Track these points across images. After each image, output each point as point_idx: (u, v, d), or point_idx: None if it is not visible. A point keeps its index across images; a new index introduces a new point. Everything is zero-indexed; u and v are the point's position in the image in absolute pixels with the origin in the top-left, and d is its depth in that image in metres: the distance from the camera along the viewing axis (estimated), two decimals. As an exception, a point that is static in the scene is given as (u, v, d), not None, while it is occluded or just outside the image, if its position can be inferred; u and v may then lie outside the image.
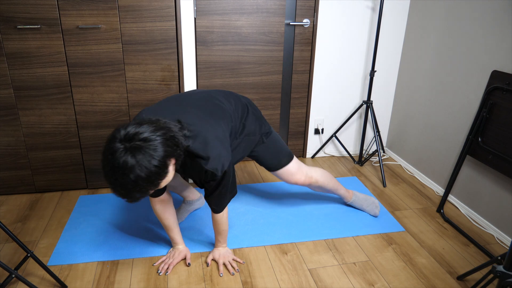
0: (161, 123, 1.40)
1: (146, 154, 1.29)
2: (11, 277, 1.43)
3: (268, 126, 1.94)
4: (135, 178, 1.28)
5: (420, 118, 2.68)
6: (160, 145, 1.32)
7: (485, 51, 2.09)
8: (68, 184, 2.45)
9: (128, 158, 1.27)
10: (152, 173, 1.30)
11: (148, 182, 1.31)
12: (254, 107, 1.92)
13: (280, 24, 2.56)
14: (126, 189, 1.30)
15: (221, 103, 1.74)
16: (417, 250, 1.97)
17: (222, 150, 1.55)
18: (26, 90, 2.19)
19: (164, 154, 1.32)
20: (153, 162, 1.30)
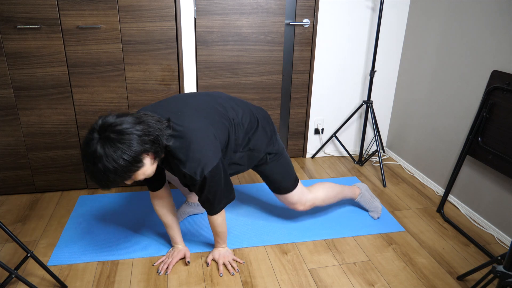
0: (143, 118, 1.44)
1: (115, 147, 1.34)
2: (11, 277, 1.43)
3: (278, 147, 1.87)
4: (103, 168, 1.33)
5: (420, 118, 2.68)
6: (134, 140, 1.37)
7: (485, 51, 2.09)
8: (68, 184, 2.45)
9: (98, 148, 1.34)
10: (121, 166, 1.35)
11: (116, 174, 1.36)
12: (267, 123, 1.84)
13: (280, 24, 2.56)
14: (95, 178, 1.37)
15: (224, 110, 1.70)
16: (417, 250, 1.97)
17: (204, 155, 1.52)
18: (26, 90, 2.19)
19: (136, 149, 1.37)
20: (123, 156, 1.34)
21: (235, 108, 1.76)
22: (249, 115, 1.78)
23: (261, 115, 1.85)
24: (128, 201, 2.34)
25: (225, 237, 1.83)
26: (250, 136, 1.77)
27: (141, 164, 1.42)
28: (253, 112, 1.81)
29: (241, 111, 1.76)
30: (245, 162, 1.81)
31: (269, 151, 1.83)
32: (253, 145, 1.78)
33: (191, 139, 1.52)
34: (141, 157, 1.41)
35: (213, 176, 1.56)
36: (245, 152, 1.78)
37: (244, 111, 1.78)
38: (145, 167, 1.45)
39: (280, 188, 1.92)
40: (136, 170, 1.42)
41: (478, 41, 2.14)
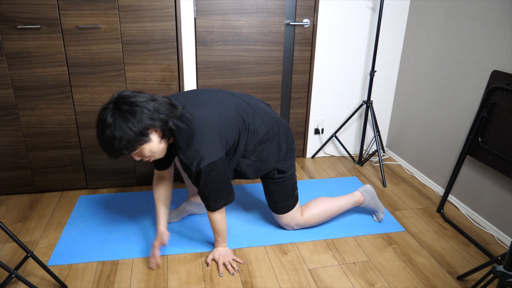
0: (157, 97, 1.55)
1: (125, 118, 1.45)
2: (11, 277, 1.43)
3: (288, 167, 1.86)
4: (111, 135, 1.44)
5: (420, 118, 2.68)
6: (144, 114, 1.47)
7: (485, 51, 2.09)
8: (68, 184, 2.45)
9: (108, 116, 1.45)
10: (127, 136, 1.45)
11: (121, 143, 1.46)
12: (285, 140, 1.84)
13: (280, 24, 2.56)
14: (103, 145, 1.49)
15: (243, 113, 1.72)
16: (417, 250, 1.97)
17: (204, 148, 1.56)
18: (26, 90, 2.19)
19: (145, 122, 1.47)
20: (131, 126, 1.45)
21: (255, 115, 1.76)
22: (269, 127, 1.79)
23: (283, 131, 1.85)
24: (128, 201, 2.34)
25: (224, 236, 1.83)
26: (264, 147, 1.79)
27: (147, 139, 1.51)
28: (275, 125, 1.82)
29: (261, 119, 1.77)
30: (252, 171, 1.83)
31: (278, 167, 1.85)
32: (264, 157, 1.80)
33: (196, 130, 1.56)
34: (148, 131, 1.50)
35: (209, 171, 1.58)
36: (254, 162, 1.80)
37: (265, 121, 1.78)
38: (151, 143, 1.53)
39: (275, 208, 1.97)
40: (142, 143, 1.50)
41: (478, 41, 2.14)
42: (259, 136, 1.76)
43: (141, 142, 1.50)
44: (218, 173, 1.61)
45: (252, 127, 1.74)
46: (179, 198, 2.39)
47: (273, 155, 1.82)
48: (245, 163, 1.80)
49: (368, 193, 2.11)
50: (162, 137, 1.56)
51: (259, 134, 1.76)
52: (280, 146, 1.83)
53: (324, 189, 2.52)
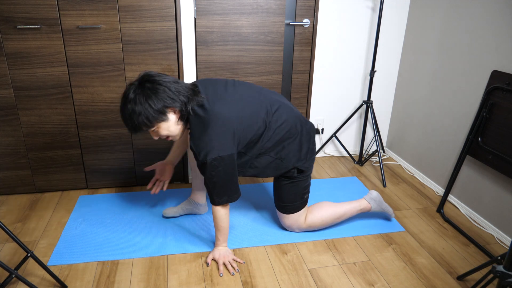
0: (180, 81, 1.64)
1: (146, 95, 1.54)
2: (11, 277, 1.43)
3: (308, 167, 1.87)
4: (131, 110, 1.54)
5: (420, 118, 2.68)
6: (165, 93, 1.56)
7: (485, 51, 2.09)
8: (68, 184, 2.45)
9: (131, 92, 1.55)
10: (146, 112, 1.54)
11: (140, 118, 1.55)
12: (308, 139, 1.86)
13: (280, 24, 2.56)
14: (124, 118, 1.59)
15: (264, 111, 1.73)
16: (417, 250, 1.97)
17: (214, 141, 1.59)
18: (26, 90, 2.19)
19: (165, 101, 1.56)
20: (151, 103, 1.54)
21: (279, 112, 1.77)
22: (291, 125, 1.80)
23: (306, 131, 1.86)
24: (128, 201, 2.34)
25: (226, 235, 1.83)
26: (285, 145, 1.80)
27: (165, 117, 1.59)
28: (298, 125, 1.83)
29: (284, 117, 1.78)
30: (271, 168, 1.83)
31: (298, 166, 1.85)
32: (284, 155, 1.80)
33: (210, 122, 1.61)
34: (167, 110, 1.58)
35: (215, 166, 1.60)
36: (274, 159, 1.81)
37: (288, 119, 1.79)
38: (169, 122, 1.61)
39: (281, 207, 1.97)
40: (160, 121, 1.58)
41: (478, 41, 2.14)
42: (281, 134, 1.77)
43: (159, 120, 1.58)
44: (224, 169, 1.63)
45: (274, 126, 1.75)
46: (180, 198, 2.40)
47: (294, 154, 1.82)
48: (265, 159, 1.80)
49: (374, 201, 2.10)
50: (180, 119, 1.64)
51: (280, 132, 1.77)
52: (301, 145, 1.84)
53: (324, 189, 2.52)
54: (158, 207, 2.28)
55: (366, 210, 2.09)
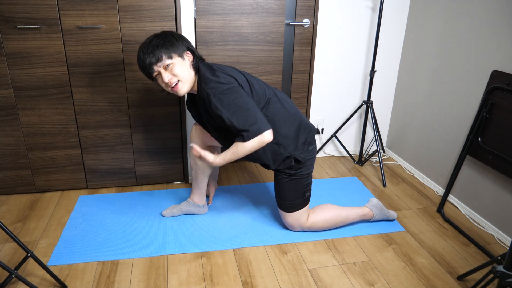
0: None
1: (171, 35, 1.73)
2: (11, 277, 1.43)
3: (306, 159, 1.88)
4: (156, 41, 1.68)
5: (420, 118, 2.68)
6: (185, 40, 1.77)
7: (485, 51, 2.09)
8: (68, 184, 2.45)
9: (154, 37, 1.71)
10: (170, 42, 1.70)
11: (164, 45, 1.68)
12: (307, 131, 1.89)
13: (280, 24, 2.56)
14: (144, 47, 1.70)
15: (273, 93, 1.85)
16: (417, 250, 1.97)
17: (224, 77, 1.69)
18: (26, 90, 2.19)
19: (185, 44, 1.75)
20: (173, 39, 1.71)
21: (280, 99, 1.87)
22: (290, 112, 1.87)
23: (306, 125, 1.92)
24: (128, 201, 2.34)
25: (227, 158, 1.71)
26: (282, 128, 1.83)
27: (183, 56, 1.73)
28: (298, 115, 1.90)
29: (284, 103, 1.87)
30: (269, 153, 1.85)
31: (295, 155, 1.85)
32: (282, 139, 1.83)
33: (217, 69, 1.75)
34: (186, 51, 1.75)
35: (228, 93, 1.65)
36: (272, 143, 1.83)
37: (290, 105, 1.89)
38: (184, 62, 1.74)
39: (282, 204, 1.98)
40: (178, 55, 1.71)
41: (478, 41, 2.14)
42: (280, 114, 1.83)
43: (178, 54, 1.71)
44: (240, 96, 1.66)
45: (273, 108, 1.82)
46: (180, 198, 2.40)
47: (291, 141, 1.85)
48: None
49: (376, 208, 2.11)
50: (192, 64, 1.77)
51: (279, 112, 1.83)
52: (298, 134, 1.87)
53: (324, 189, 2.52)
54: (158, 207, 2.28)
55: (368, 217, 2.10)
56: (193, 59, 1.78)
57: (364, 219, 2.10)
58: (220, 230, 2.08)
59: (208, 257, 1.88)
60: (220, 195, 2.42)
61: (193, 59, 1.78)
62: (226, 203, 2.33)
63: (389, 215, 2.14)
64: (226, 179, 2.64)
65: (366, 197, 2.43)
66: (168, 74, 1.72)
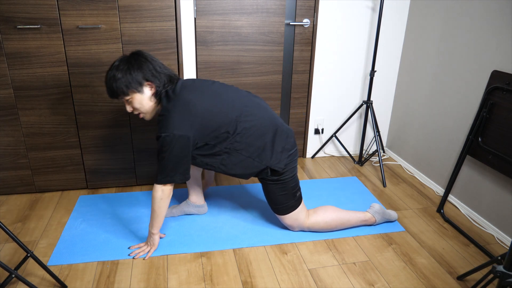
0: (165, 66, 1.79)
1: (129, 64, 1.70)
2: (11, 277, 1.43)
3: (285, 168, 1.86)
4: (112, 74, 1.70)
5: (420, 118, 2.68)
6: (147, 68, 1.71)
7: (485, 51, 2.09)
8: (68, 184, 2.45)
9: (118, 61, 1.72)
10: (125, 78, 1.68)
11: (118, 82, 1.68)
12: (282, 140, 1.86)
13: (280, 24, 2.56)
14: (105, 81, 1.73)
15: (238, 111, 1.78)
16: (417, 250, 1.97)
17: (174, 121, 1.67)
18: (26, 90, 2.19)
19: (144, 72, 1.71)
20: (131, 71, 1.69)
21: (252, 112, 1.81)
22: (263, 124, 1.82)
23: (282, 132, 1.87)
24: (128, 201, 2.34)
25: (158, 222, 1.83)
26: (256, 143, 1.81)
27: (141, 89, 1.73)
28: (272, 124, 1.85)
29: (257, 116, 1.81)
30: (242, 167, 1.83)
31: (271, 166, 1.84)
32: (256, 154, 1.81)
33: (174, 102, 1.72)
34: (144, 83, 1.72)
35: (167, 142, 1.67)
36: (245, 157, 1.81)
37: (262, 118, 1.82)
38: (143, 95, 1.74)
39: (275, 209, 1.98)
40: (135, 91, 1.72)
41: (478, 41, 2.14)
42: (252, 131, 1.79)
43: (135, 90, 1.71)
44: (176, 149, 1.68)
45: (245, 124, 1.78)
46: (180, 198, 2.40)
47: (266, 152, 1.82)
48: (236, 157, 1.80)
49: (378, 214, 2.11)
50: (154, 95, 1.76)
51: (251, 130, 1.79)
52: (274, 145, 1.84)
53: (324, 189, 2.52)
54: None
55: (370, 222, 2.10)
56: (154, 91, 1.75)
57: (365, 224, 2.10)
58: (220, 230, 2.08)
59: (208, 257, 1.88)
60: (220, 195, 2.42)
61: (154, 91, 1.75)
62: (226, 203, 2.33)
63: (390, 217, 2.14)
64: (226, 179, 2.64)
65: (366, 197, 2.43)
66: (129, 106, 1.79)
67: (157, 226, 1.84)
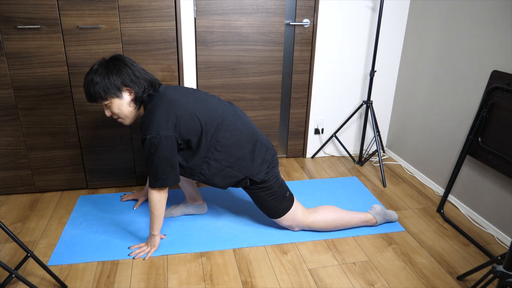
0: (145, 70, 1.77)
1: (108, 69, 1.68)
2: (11, 277, 1.43)
3: (264, 179, 1.86)
4: (90, 79, 1.68)
5: (420, 118, 2.68)
6: (124, 71, 1.69)
7: (485, 51, 2.09)
8: (68, 184, 2.45)
9: (97, 64, 1.70)
10: (103, 83, 1.67)
11: (95, 88, 1.67)
12: (261, 151, 1.86)
13: (280, 24, 2.56)
14: (84, 85, 1.71)
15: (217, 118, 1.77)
16: (417, 250, 1.97)
17: (157, 120, 1.65)
18: (26, 90, 2.19)
19: (122, 78, 1.69)
20: (110, 76, 1.67)
21: (233, 123, 1.81)
22: (243, 135, 1.82)
23: (262, 143, 1.88)
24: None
25: (158, 223, 1.84)
26: (236, 153, 1.81)
27: (120, 95, 1.71)
28: (252, 136, 1.85)
29: (237, 127, 1.81)
30: (221, 177, 1.82)
31: (250, 176, 1.84)
32: (235, 163, 1.81)
33: (157, 101, 1.71)
34: (123, 88, 1.70)
35: (152, 143, 1.66)
36: (225, 167, 1.81)
37: (241, 130, 1.82)
38: (122, 100, 1.72)
39: (269, 214, 1.98)
40: (114, 96, 1.70)
41: (478, 41, 2.14)
42: (231, 141, 1.79)
43: (113, 95, 1.70)
44: (162, 150, 1.67)
45: (224, 134, 1.77)
46: (179, 198, 2.39)
47: (246, 163, 1.83)
48: (215, 167, 1.80)
49: (379, 215, 2.10)
50: (133, 101, 1.74)
51: (231, 139, 1.79)
52: (254, 155, 1.84)
53: (324, 189, 2.52)
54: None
55: (371, 223, 2.10)
56: (134, 96, 1.73)
57: (366, 225, 2.10)
58: (220, 230, 2.08)
59: (208, 257, 1.88)
60: (219, 195, 2.42)
61: (134, 96, 1.73)
62: (226, 203, 2.33)
63: (391, 218, 2.14)
64: (226, 179, 2.64)
65: (366, 197, 2.43)
66: (107, 111, 1.78)
67: (157, 228, 1.85)
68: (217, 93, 2.64)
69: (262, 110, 2.76)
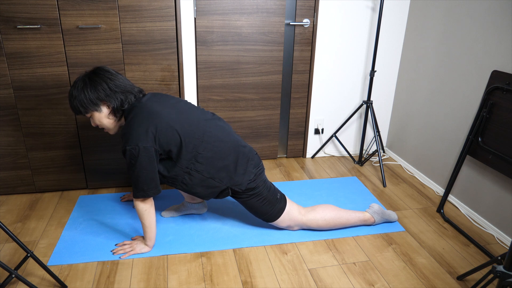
0: (126, 82, 1.80)
1: (85, 84, 1.74)
2: (11, 277, 1.43)
3: (243, 189, 1.86)
4: (70, 93, 1.76)
5: (420, 118, 2.68)
6: (100, 86, 1.74)
7: (485, 51, 2.09)
8: (68, 184, 2.45)
9: (79, 79, 1.76)
10: (81, 98, 1.73)
11: (75, 102, 1.74)
12: (244, 162, 1.86)
13: (280, 24, 2.56)
14: (68, 99, 1.79)
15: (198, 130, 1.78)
16: (417, 250, 1.97)
17: (136, 131, 1.67)
18: (26, 90, 2.19)
19: (98, 93, 1.74)
20: (86, 92, 1.73)
21: (214, 134, 1.81)
22: (225, 147, 1.82)
23: (244, 154, 1.87)
24: (128, 201, 2.34)
25: (148, 232, 1.85)
26: (217, 164, 1.81)
27: (98, 108, 1.77)
28: (234, 147, 1.85)
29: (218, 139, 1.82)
30: (203, 187, 1.82)
31: (231, 187, 1.84)
32: (216, 174, 1.81)
33: (136, 111, 1.74)
34: (100, 102, 1.76)
35: (132, 154, 1.67)
36: (206, 178, 1.81)
37: (223, 141, 1.82)
38: (101, 113, 1.78)
39: (264, 219, 1.98)
40: (92, 109, 1.76)
41: (478, 41, 2.14)
42: (213, 152, 1.79)
43: (92, 109, 1.76)
44: (142, 160, 1.68)
45: (205, 146, 1.78)
46: (179, 198, 2.40)
47: (227, 173, 1.83)
48: (197, 177, 1.80)
49: (377, 214, 2.11)
50: (111, 113, 1.79)
51: (212, 151, 1.79)
52: (236, 165, 1.84)
53: (324, 189, 2.52)
54: (157, 208, 2.28)
55: (369, 222, 2.10)
56: (111, 109, 1.77)
57: (364, 224, 2.11)
58: (220, 230, 2.08)
59: (208, 257, 1.88)
60: (220, 195, 2.42)
61: (111, 109, 1.77)
62: (226, 203, 2.33)
63: (390, 218, 2.14)
64: (226, 179, 2.64)
65: (366, 197, 2.44)
66: (92, 121, 1.84)
67: (150, 237, 1.86)
68: (217, 93, 2.64)
69: (262, 110, 2.76)
